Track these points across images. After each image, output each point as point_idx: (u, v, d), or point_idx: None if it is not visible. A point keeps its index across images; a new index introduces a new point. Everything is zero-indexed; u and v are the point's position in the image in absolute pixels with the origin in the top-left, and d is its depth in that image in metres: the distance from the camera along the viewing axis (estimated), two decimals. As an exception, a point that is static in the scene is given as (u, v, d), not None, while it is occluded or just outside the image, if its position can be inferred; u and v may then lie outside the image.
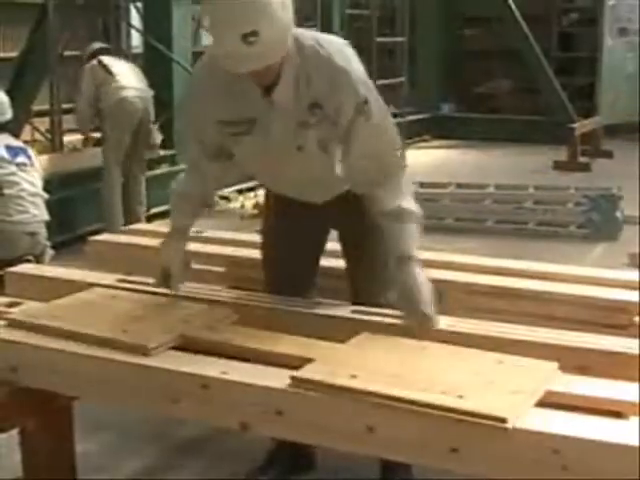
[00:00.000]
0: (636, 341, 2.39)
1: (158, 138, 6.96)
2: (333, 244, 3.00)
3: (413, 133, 11.63)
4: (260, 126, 2.56)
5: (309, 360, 2.24)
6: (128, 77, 6.72)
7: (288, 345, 2.38)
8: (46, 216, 4.96)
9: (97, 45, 7.17)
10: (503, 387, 2.06)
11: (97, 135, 7.17)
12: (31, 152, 5.11)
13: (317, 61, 2.49)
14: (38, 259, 4.76)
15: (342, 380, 2.10)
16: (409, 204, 2.60)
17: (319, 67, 2.49)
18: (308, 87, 2.49)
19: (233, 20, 2.30)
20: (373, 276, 2.81)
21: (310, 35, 2.57)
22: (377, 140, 2.59)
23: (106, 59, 6.83)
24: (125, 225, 5.09)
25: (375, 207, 2.62)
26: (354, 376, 2.12)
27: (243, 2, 2.30)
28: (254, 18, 2.29)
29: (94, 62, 6.78)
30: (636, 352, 2.31)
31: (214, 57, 2.49)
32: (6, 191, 4.76)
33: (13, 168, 4.83)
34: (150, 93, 6.88)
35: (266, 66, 2.40)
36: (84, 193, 6.74)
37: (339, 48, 2.55)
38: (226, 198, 8.40)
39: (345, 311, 2.67)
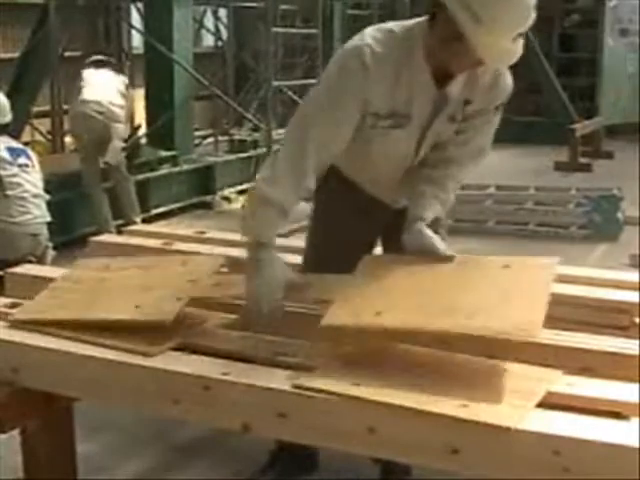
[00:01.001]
0: (637, 342, 2.39)
1: (113, 157, 6.74)
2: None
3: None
4: (418, 119, 2.51)
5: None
6: (95, 91, 6.73)
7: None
8: (47, 217, 4.97)
9: (94, 57, 7.23)
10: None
11: None
12: (31, 153, 5.11)
13: None
14: (40, 260, 4.76)
15: (368, 318, 2.16)
16: (452, 196, 2.67)
17: (485, 72, 2.51)
18: (472, 83, 2.51)
19: (517, 20, 2.29)
20: None
21: None
22: (488, 135, 2.67)
23: (87, 72, 6.92)
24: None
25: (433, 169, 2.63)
26: (379, 313, 2.18)
27: (524, 2, 2.29)
28: (529, 18, 2.30)
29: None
30: (636, 353, 2.31)
31: (386, 44, 2.43)
32: (9, 192, 4.76)
33: (15, 169, 4.83)
34: (116, 109, 6.77)
35: None
36: (85, 194, 6.75)
37: None
38: (227, 199, 8.41)
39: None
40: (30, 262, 4.42)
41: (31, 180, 4.90)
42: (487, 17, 2.24)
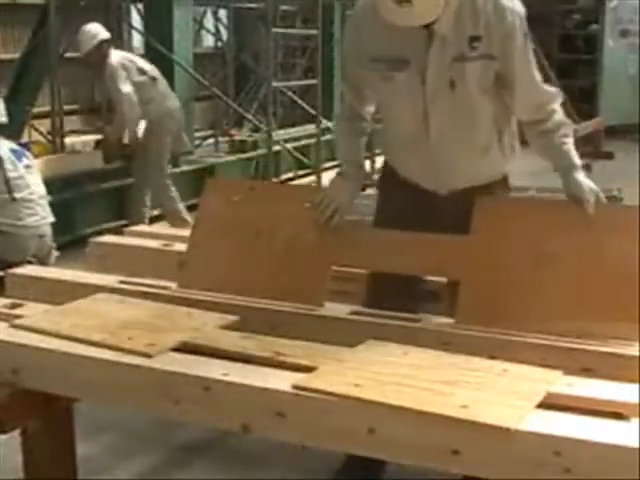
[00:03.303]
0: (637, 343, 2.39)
1: (187, 145, 6.93)
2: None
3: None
4: (415, 61, 2.65)
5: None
6: (164, 82, 6.67)
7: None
8: (51, 217, 4.96)
9: (103, 35, 6.59)
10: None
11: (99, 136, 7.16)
12: (29, 153, 5.10)
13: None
14: (43, 260, 4.74)
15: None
16: (564, 118, 2.89)
17: (486, 2, 2.61)
18: (471, 19, 2.59)
19: None
20: None
21: None
22: (530, 70, 2.74)
23: (136, 58, 6.72)
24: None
25: (538, 126, 2.89)
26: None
27: None
28: None
29: (120, 58, 6.47)
30: (637, 353, 2.31)
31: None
32: (17, 195, 4.73)
33: (21, 171, 4.81)
34: None
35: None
36: (86, 194, 6.75)
37: None
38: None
39: (344, 312, 2.68)
40: (30, 262, 4.42)
41: (35, 181, 4.89)
42: None
